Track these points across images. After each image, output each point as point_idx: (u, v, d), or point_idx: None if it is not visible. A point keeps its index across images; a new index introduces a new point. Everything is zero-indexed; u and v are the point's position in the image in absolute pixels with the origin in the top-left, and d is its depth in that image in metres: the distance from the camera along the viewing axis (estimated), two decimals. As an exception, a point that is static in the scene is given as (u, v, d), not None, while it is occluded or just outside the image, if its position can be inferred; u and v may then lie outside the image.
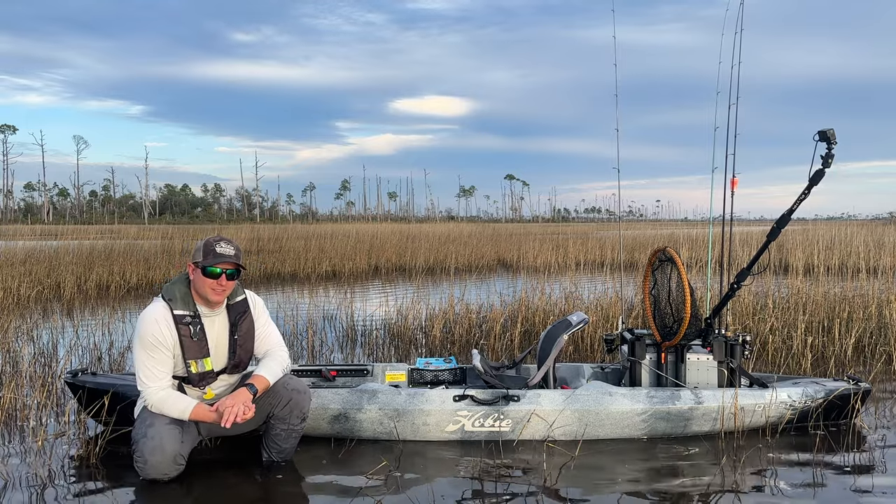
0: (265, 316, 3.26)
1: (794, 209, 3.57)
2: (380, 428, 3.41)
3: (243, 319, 3.14)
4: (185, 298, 2.99)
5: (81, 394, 3.51)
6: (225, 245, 3.01)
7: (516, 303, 6.65)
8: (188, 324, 2.96)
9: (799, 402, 3.59)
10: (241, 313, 3.14)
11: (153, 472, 2.84)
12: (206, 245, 2.99)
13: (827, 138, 3.37)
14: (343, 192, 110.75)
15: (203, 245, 3.00)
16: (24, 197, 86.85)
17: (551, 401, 3.43)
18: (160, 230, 23.28)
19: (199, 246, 3.02)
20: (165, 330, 2.91)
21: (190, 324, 2.96)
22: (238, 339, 3.11)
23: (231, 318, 3.11)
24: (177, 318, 2.94)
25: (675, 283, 3.69)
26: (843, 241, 15.05)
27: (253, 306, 3.20)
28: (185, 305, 2.98)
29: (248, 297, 3.21)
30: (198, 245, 3.03)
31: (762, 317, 5.90)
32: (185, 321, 2.95)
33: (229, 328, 3.10)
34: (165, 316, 2.93)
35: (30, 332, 6.14)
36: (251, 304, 3.20)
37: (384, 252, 15.22)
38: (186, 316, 2.97)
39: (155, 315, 2.92)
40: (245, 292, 3.20)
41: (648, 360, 3.75)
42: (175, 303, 2.96)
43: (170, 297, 2.97)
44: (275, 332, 3.26)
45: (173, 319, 2.93)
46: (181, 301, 2.98)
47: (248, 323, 3.15)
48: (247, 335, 3.14)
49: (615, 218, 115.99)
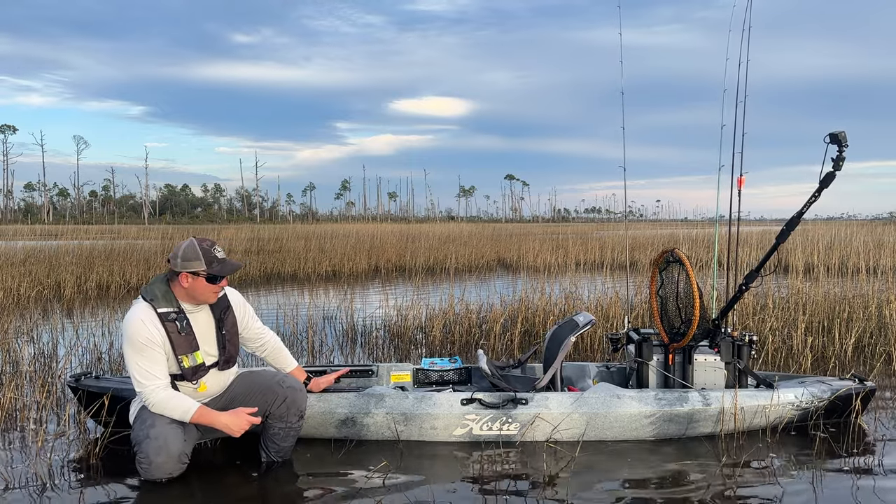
0: (248, 308, 3.31)
1: (803, 212, 3.54)
2: (387, 432, 3.41)
3: (227, 315, 3.16)
4: (166, 296, 2.97)
5: (81, 396, 3.51)
6: (219, 248, 3.01)
7: (516, 303, 6.64)
8: (173, 320, 2.95)
9: (806, 401, 3.58)
10: (224, 308, 3.16)
11: (158, 472, 2.84)
12: (203, 253, 2.93)
13: (838, 141, 3.33)
14: (343, 192, 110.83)
15: (199, 252, 2.93)
16: (24, 197, 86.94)
17: (560, 404, 3.42)
18: (160, 230, 23.27)
19: (189, 254, 2.92)
20: (152, 328, 2.89)
21: (175, 320, 2.95)
22: (226, 333, 3.13)
23: (215, 314, 3.12)
24: (161, 316, 2.93)
25: (682, 284, 3.68)
26: (843, 241, 15.05)
27: (234, 302, 3.22)
28: (167, 303, 2.96)
29: (227, 293, 3.22)
30: (185, 253, 2.92)
31: (762, 317, 5.89)
32: (170, 318, 2.94)
33: (215, 324, 3.10)
34: (150, 315, 2.91)
35: (30, 332, 6.14)
36: (231, 300, 3.22)
37: (384, 252, 15.21)
38: (171, 313, 2.95)
39: (140, 316, 2.90)
40: (224, 288, 3.21)
41: (656, 361, 3.74)
42: (157, 301, 2.95)
43: (151, 297, 2.95)
44: (259, 321, 3.38)
45: (158, 318, 2.92)
46: (163, 299, 2.96)
47: (232, 318, 3.18)
48: (232, 330, 3.17)
49: (615, 218, 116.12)
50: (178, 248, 2.97)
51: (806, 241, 14.73)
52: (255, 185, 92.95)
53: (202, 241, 3.00)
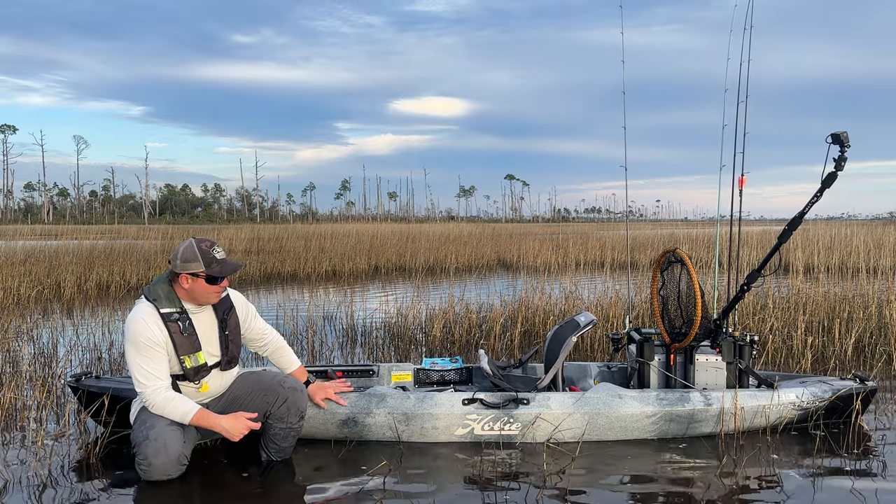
0: (250, 308, 3.30)
1: (805, 212, 3.54)
2: (388, 432, 3.40)
3: (230, 316, 3.15)
4: (169, 296, 2.97)
5: (81, 396, 3.51)
6: (218, 248, 3.00)
7: (516, 303, 6.64)
8: (176, 320, 2.95)
9: (807, 401, 3.58)
10: (227, 309, 3.16)
11: (157, 473, 2.84)
12: (202, 254, 2.92)
13: (840, 141, 3.33)
14: (343, 192, 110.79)
15: (198, 254, 2.91)
16: (24, 197, 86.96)
17: (561, 404, 3.42)
18: (160, 230, 23.23)
19: (188, 255, 2.91)
20: (155, 328, 2.89)
21: (178, 320, 2.95)
22: (228, 334, 3.13)
23: (218, 315, 3.11)
24: (164, 316, 2.93)
25: (684, 284, 3.68)
26: (843, 241, 15.04)
27: (236, 303, 3.22)
28: (170, 303, 2.96)
29: (230, 294, 3.22)
30: (184, 254, 2.92)
31: (762, 317, 5.89)
32: (172, 318, 2.94)
33: (218, 324, 3.10)
34: (153, 315, 2.91)
35: (30, 332, 6.14)
36: (234, 300, 3.22)
37: (384, 252, 15.21)
38: (174, 313, 2.95)
39: (142, 315, 2.89)
40: (226, 289, 3.21)
41: (657, 361, 3.74)
42: (160, 301, 2.94)
43: (154, 297, 2.95)
44: (261, 320, 3.38)
45: (161, 318, 2.92)
46: (166, 299, 2.96)
47: (235, 319, 3.18)
48: (235, 330, 3.18)
49: (615, 218, 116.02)
50: (178, 250, 2.96)
51: (806, 241, 14.72)
52: (255, 185, 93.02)
53: (201, 241, 2.98)
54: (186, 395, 3.00)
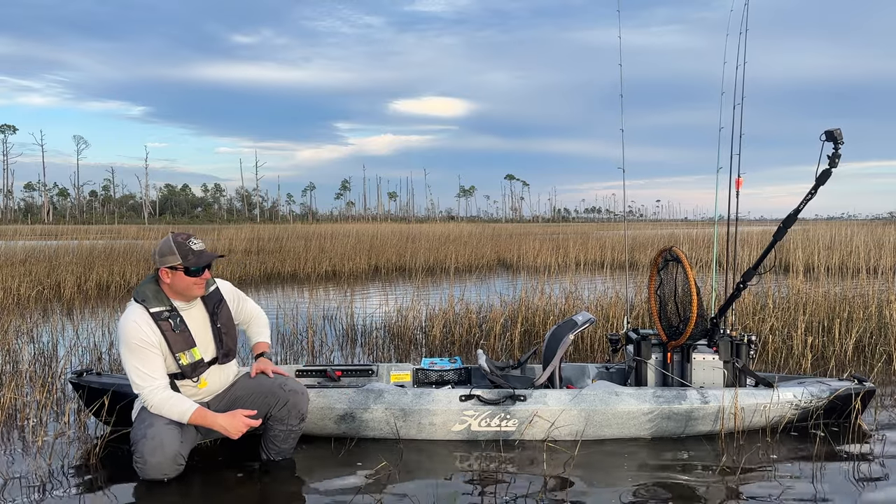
0: (239, 295, 3.33)
1: (800, 209, 3.56)
2: (386, 427, 3.41)
3: (220, 308, 3.17)
4: (157, 296, 2.99)
5: (82, 393, 3.51)
6: (195, 240, 3.01)
7: (516, 303, 6.64)
8: (167, 318, 2.96)
9: (804, 401, 3.58)
10: (217, 302, 3.17)
11: (153, 472, 2.84)
12: (178, 246, 2.95)
13: (834, 138, 3.35)
14: (343, 192, 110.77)
15: (174, 247, 2.94)
16: (24, 197, 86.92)
17: (558, 400, 3.42)
18: (160, 230, 23.28)
19: (165, 249, 2.95)
20: (147, 329, 2.90)
21: (169, 318, 2.97)
22: (221, 327, 3.14)
23: (209, 309, 3.13)
24: (154, 316, 2.94)
25: (681, 282, 3.69)
26: (843, 241, 15.04)
27: (225, 293, 3.24)
28: (159, 302, 2.98)
29: (219, 285, 3.24)
30: (161, 249, 2.97)
31: (762, 317, 5.89)
32: (163, 317, 2.96)
33: (209, 318, 3.12)
34: (143, 316, 2.93)
35: (30, 332, 6.14)
36: (223, 291, 3.23)
37: (384, 252, 15.21)
38: (164, 312, 2.97)
39: (133, 317, 2.91)
40: (216, 281, 3.22)
41: (654, 359, 3.75)
42: (149, 301, 2.96)
43: (142, 298, 2.96)
44: (250, 302, 3.40)
45: (151, 318, 2.93)
46: (154, 299, 2.97)
47: (226, 311, 3.19)
48: (228, 323, 3.19)
49: (615, 218, 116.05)
50: (157, 246, 3.00)
51: (806, 241, 14.73)
52: (255, 185, 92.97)
53: (177, 235, 3.02)
54: (186, 394, 3.01)
